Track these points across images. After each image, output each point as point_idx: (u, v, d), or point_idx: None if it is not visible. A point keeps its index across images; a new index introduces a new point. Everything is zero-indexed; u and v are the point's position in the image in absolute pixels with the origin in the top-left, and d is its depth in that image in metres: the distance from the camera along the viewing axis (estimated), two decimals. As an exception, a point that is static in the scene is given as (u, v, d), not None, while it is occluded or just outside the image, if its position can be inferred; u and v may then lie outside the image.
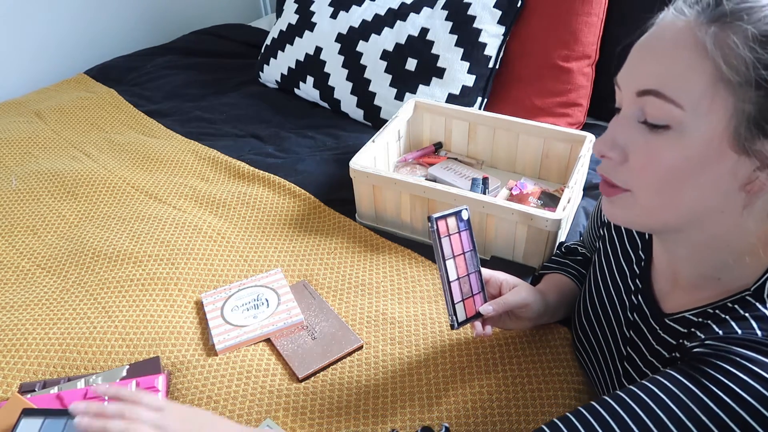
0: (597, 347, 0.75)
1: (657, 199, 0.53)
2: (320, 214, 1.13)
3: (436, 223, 0.71)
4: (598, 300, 0.75)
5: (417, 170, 1.22)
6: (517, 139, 1.17)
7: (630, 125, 0.53)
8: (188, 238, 1.06)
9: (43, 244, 1.08)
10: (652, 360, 0.64)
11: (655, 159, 0.51)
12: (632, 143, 0.53)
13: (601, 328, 0.74)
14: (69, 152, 1.34)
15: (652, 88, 0.50)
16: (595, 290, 0.76)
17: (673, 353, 0.60)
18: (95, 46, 1.88)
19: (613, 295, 0.72)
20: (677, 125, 0.49)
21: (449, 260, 0.72)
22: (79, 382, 0.80)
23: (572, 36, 1.32)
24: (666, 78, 0.50)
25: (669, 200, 0.53)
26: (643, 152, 0.52)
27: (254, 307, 0.91)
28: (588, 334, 0.77)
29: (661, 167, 0.51)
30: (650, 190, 0.53)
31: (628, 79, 0.53)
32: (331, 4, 1.51)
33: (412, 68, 1.36)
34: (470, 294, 0.74)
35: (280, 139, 1.39)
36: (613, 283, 0.73)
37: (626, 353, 0.68)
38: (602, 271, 0.75)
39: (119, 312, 0.92)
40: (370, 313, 0.91)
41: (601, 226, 0.79)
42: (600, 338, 0.74)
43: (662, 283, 0.65)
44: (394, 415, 0.76)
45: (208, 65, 1.76)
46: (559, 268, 0.89)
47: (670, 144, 0.50)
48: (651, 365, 0.64)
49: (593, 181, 1.19)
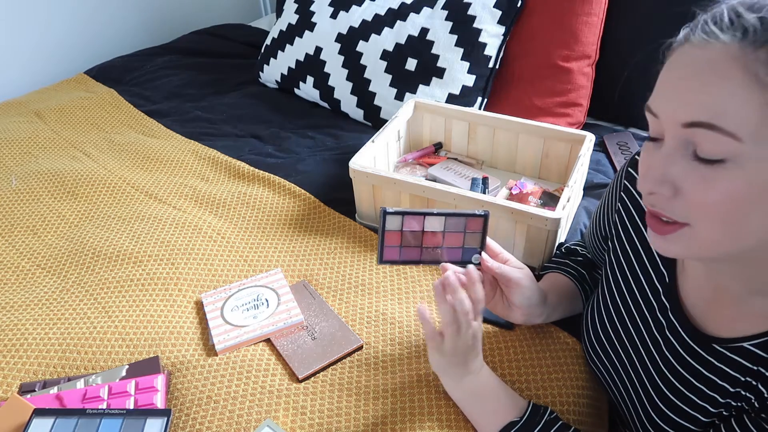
0: (620, 365, 0.73)
1: (721, 230, 0.50)
2: (320, 214, 1.13)
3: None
4: (617, 315, 0.72)
5: (417, 170, 1.22)
6: (517, 139, 1.17)
7: (679, 158, 0.50)
8: (188, 238, 1.06)
9: (43, 244, 1.08)
10: (702, 388, 0.61)
11: (715, 191, 0.48)
12: (685, 177, 0.50)
13: (622, 345, 0.72)
14: (69, 152, 1.34)
15: (704, 120, 0.47)
16: (612, 304, 0.73)
17: (738, 389, 0.58)
18: (95, 46, 1.88)
19: (634, 313, 0.70)
20: (734, 157, 0.47)
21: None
22: (79, 382, 0.80)
23: (572, 36, 1.32)
24: (717, 109, 0.47)
25: (735, 230, 0.50)
26: (700, 186, 0.49)
27: (254, 307, 0.91)
28: (608, 350, 0.74)
29: (724, 198, 0.48)
30: (714, 223, 0.50)
31: (667, 109, 0.50)
32: (331, 4, 1.51)
33: (412, 68, 1.36)
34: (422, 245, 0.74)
35: (280, 139, 1.39)
36: (632, 299, 0.70)
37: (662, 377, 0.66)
38: (617, 285, 0.73)
39: (119, 312, 0.92)
40: (370, 313, 0.91)
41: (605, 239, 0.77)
42: (622, 356, 0.72)
43: (697, 302, 0.63)
44: (393, 416, 0.76)
45: (208, 65, 1.76)
46: (558, 268, 0.89)
47: (731, 176, 0.47)
48: (702, 393, 0.61)
49: (593, 181, 1.19)
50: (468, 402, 0.73)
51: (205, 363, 0.84)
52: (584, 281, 0.87)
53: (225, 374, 0.82)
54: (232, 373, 0.82)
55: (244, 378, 0.81)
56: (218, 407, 0.77)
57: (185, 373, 0.82)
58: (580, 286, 0.86)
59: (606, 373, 0.76)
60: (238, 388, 0.80)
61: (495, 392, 0.72)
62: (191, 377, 0.81)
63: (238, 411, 0.77)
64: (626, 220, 0.73)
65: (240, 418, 0.76)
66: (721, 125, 0.46)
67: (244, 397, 0.79)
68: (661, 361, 0.66)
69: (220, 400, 0.78)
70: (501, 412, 0.70)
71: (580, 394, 0.80)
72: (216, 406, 0.78)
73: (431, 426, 0.75)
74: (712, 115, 0.47)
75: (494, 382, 0.73)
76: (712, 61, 0.47)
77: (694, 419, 0.62)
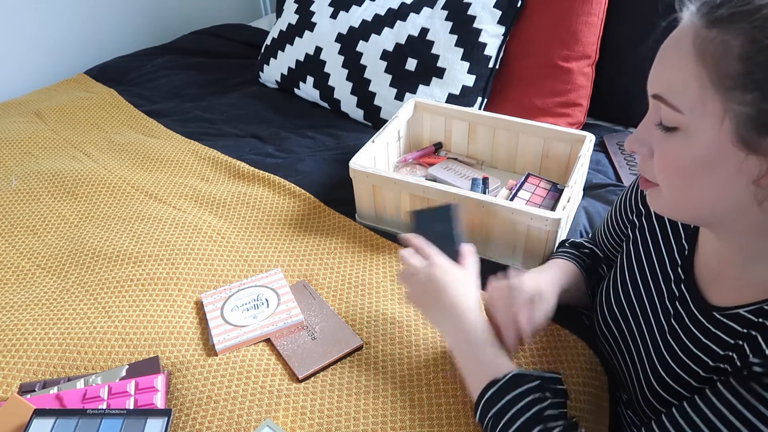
0: (629, 335, 0.74)
1: (676, 194, 0.57)
2: (320, 214, 1.13)
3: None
4: (633, 287, 0.74)
5: (417, 170, 1.22)
6: (517, 139, 1.17)
7: (651, 125, 0.56)
8: (188, 238, 1.06)
9: (43, 244, 1.08)
10: (699, 354, 0.63)
11: (668, 158, 0.55)
12: (654, 142, 0.56)
13: (635, 316, 0.73)
14: (69, 152, 1.34)
15: (657, 93, 0.54)
16: (629, 277, 0.75)
17: (728, 352, 0.59)
18: (95, 46, 1.88)
19: (650, 284, 0.72)
20: (684, 127, 0.52)
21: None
22: (79, 382, 0.80)
23: (572, 36, 1.32)
24: (668, 83, 0.53)
25: (685, 197, 0.56)
26: (660, 151, 0.56)
27: (254, 307, 0.91)
28: (619, 321, 0.76)
29: (673, 166, 0.55)
30: (669, 187, 0.57)
31: (648, 82, 0.56)
32: (331, 4, 1.51)
33: (412, 68, 1.36)
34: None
35: (280, 139, 1.39)
36: (651, 270, 0.72)
37: (665, 343, 0.67)
38: (638, 258, 0.75)
39: (119, 312, 0.92)
40: (370, 313, 0.91)
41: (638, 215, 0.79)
42: (633, 327, 0.73)
43: (705, 273, 0.66)
44: (394, 416, 0.76)
45: (208, 65, 1.76)
46: (564, 254, 0.89)
47: (679, 145, 0.53)
48: (697, 359, 0.63)
49: (593, 181, 1.19)
50: (461, 348, 0.73)
51: (205, 363, 0.84)
52: (590, 271, 0.88)
53: (225, 374, 0.82)
54: (232, 373, 0.82)
55: (244, 378, 0.81)
56: (218, 407, 0.78)
57: (185, 373, 0.82)
58: (585, 275, 0.87)
59: (614, 342, 0.77)
60: (238, 388, 0.80)
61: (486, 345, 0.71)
62: (191, 377, 0.81)
63: (238, 411, 0.77)
64: None
65: (240, 418, 0.76)
66: (667, 98, 0.53)
67: (244, 397, 0.79)
68: (667, 329, 0.68)
69: (220, 400, 0.78)
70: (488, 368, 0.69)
71: (581, 391, 0.80)
72: (216, 406, 0.78)
73: (431, 426, 0.75)
74: (664, 88, 0.53)
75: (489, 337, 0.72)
76: (674, 39, 0.53)
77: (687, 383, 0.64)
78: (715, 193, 0.54)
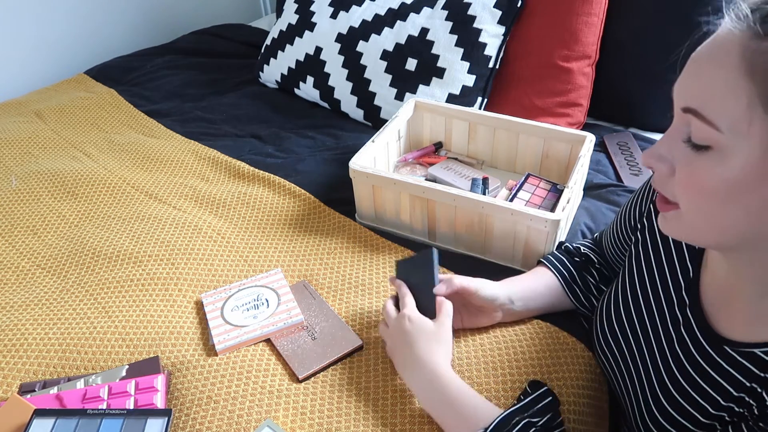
0: (630, 358, 0.72)
1: (700, 218, 0.51)
2: (320, 214, 1.13)
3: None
4: (635, 307, 0.71)
5: (417, 170, 1.22)
6: (517, 139, 1.18)
7: (676, 140, 0.51)
8: (188, 238, 1.06)
9: (43, 244, 1.08)
10: (708, 390, 0.60)
11: (696, 179, 0.50)
12: (677, 159, 0.51)
13: (635, 337, 0.71)
14: (69, 152, 1.34)
15: (691, 106, 0.48)
16: (631, 296, 0.72)
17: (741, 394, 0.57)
18: (95, 46, 1.88)
19: (652, 305, 0.69)
20: (718, 147, 0.47)
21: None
22: (79, 382, 0.80)
23: (572, 36, 1.32)
24: (705, 97, 0.47)
25: (712, 221, 0.51)
26: (685, 171, 0.50)
27: (254, 308, 0.91)
28: (620, 341, 0.73)
29: (702, 188, 0.49)
30: (693, 209, 0.52)
31: (677, 94, 0.51)
32: (331, 4, 1.51)
33: (412, 68, 1.36)
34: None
35: (280, 139, 1.39)
36: (653, 291, 0.69)
37: (668, 372, 0.65)
38: (640, 276, 0.72)
39: (119, 312, 0.92)
40: (370, 313, 0.91)
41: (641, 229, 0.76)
42: (634, 349, 0.71)
43: (712, 299, 0.62)
44: (393, 416, 0.76)
45: (208, 65, 1.76)
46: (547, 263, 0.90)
47: (711, 165, 0.48)
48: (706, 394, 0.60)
49: (593, 181, 1.19)
50: (435, 405, 0.72)
51: (205, 363, 0.84)
52: (573, 282, 0.87)
53: (225, 374, 0.82)
54: (232, 373, 0.82)
55: (244, 378, 0.81)
56: (218, 407, 0.78)
57: (185, 373, 0.82)
58: (565, 284, 0.87)
59: (614, 363, 0.75)
60: (238, 389, 0.80)
61: (465, 396, 0.70)
62: (191, 377, 0.81)
63: (238, 411, 0.77)
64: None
65: (240, 419, 0.76)
66: (704, 113, 0.47)
67: (244, 397, 0.79)
68: (670, 356, 0.65)
69: (220, 400, 0.78)
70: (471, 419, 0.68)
71: (581, 394, 0.80)
72: (216, 406, 0.78)
73: (431, 426, 0.75)
74: (701, 102, 0.48)
75: (463, 387, 0.71)
76: (714, 48, 0.47)
77: (693, 418, 0.62)
78: (744, 220, 0.49)
